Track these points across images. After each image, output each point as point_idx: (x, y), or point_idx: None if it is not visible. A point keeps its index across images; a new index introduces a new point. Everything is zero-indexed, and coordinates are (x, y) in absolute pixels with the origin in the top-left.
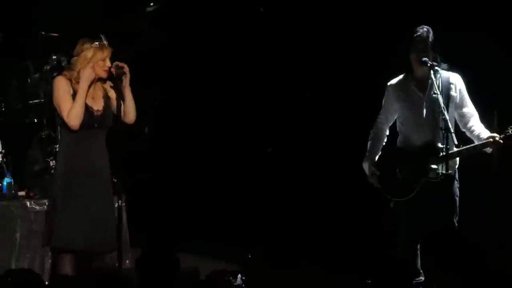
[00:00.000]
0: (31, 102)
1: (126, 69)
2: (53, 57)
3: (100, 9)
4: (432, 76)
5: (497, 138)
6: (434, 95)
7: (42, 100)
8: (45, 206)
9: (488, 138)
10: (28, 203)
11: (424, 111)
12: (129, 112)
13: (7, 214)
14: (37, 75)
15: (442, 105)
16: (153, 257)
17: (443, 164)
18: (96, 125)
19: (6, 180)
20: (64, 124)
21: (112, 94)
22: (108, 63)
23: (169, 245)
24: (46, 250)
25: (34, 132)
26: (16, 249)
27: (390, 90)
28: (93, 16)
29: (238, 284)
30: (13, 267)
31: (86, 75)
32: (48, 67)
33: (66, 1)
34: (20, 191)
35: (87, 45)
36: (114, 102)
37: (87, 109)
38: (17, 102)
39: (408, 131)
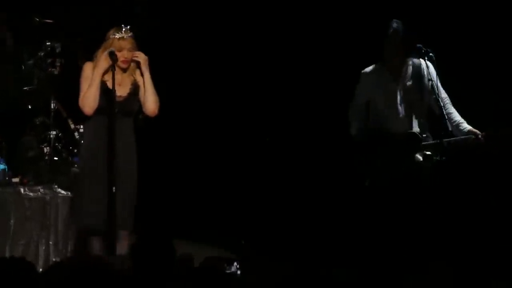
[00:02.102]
0: (25, 88)
1: (142, 59)
2: (47, 43)
3: None
4: (412, 63)
5: (479, 136)
6: (410, 83)
7: (36, 87)
8: (39, 193)
9: (469, 133)
10: (22, 190)
11: (399, 100)
12: (148, 103)
13: (1, 201)
14: (31, 62)
15: (438, 92)
16: (148, 243)
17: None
18: (117, 110)
19: (0, 167)
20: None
21: (141, 82)
22: (125, 55)
23: (164, 232)
24: (40, 236)
25: (28, 118)
26: (10, 236)
27: (364, 78)
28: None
29: (233, 272)
30: (7, 254)
31: (100, 63)
32: (42, 54)
33: None
34: (14, 177)
35: (110, 34)
36: (141, 90)
37: (108, 95)
38: (11, 89)
39: (382, 120)
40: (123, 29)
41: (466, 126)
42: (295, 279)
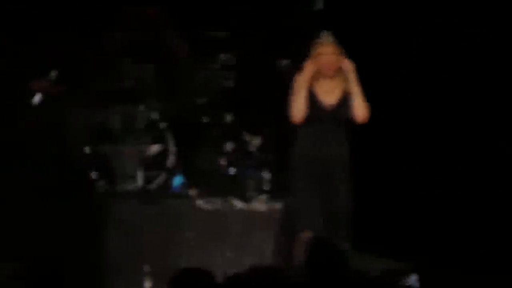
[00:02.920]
0: (200, 101)
1: (348, 67)
2: (222, 56)
3: (268, 8)
4: None
5: None
6: None
7: (211, 99)
8: (215, 205)
9: None
10: (199, 202)
11: None
12: (356, 110)
13: (178, 213)
14: (205, 75)
15: None
16: (322, 254)
17: None
18: (328, 118)
19: (178, 179)
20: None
21: (350, 90)
22: (327, 59)
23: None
24: (216, 248)
25: (204, 131)
26: (187, 248)
27: None
28: (260, 15)
29: (411, 285)
30: (183, 265)
31: (305, 70)
32: (216, 67)
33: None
34: (190, 190)
35: (315, 41)
36: (351, 97)
37: (316, 104)
38: (187, 101)
39: None
40: (325, 34)
41: None
42: None
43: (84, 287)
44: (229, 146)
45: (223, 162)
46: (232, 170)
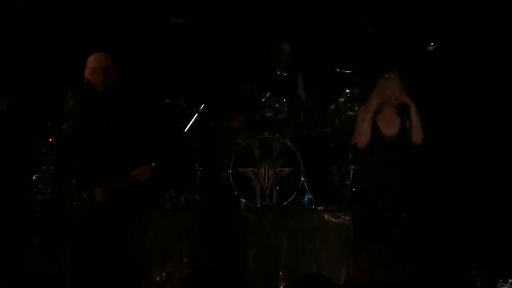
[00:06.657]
0: (327, 129)
1: (409, 105)
2: (346, 90)
3: (391, 46)
4: None
5: None
6: None
7: (338, 128)
8: (340, 219)
9: None
10: (326, 216)
11: None
12: (414, 135)
13: (308, 226)
14: (333, 106)
15: None
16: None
17: None
18: (386, 148)
19: (307, 196)
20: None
21: (408, 120)
22: (392, 93)
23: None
24: (341, 256)
25: (331, 155)
26: (316, 256)
27: None
28: (381, 53)
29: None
30: (313, 271)
31: (372, 101)
32: (342, 100)
33: (356, 41)
34: (318, 206)
35: (382, 77)
36: (409, 128)
37: (378, 133)
38: (316, 129)
39: None
40: (392, 71)
41: None
42: None
43: (230, 284)
44: (352, 168)
45: (348, 181)
46: (354, 189)
